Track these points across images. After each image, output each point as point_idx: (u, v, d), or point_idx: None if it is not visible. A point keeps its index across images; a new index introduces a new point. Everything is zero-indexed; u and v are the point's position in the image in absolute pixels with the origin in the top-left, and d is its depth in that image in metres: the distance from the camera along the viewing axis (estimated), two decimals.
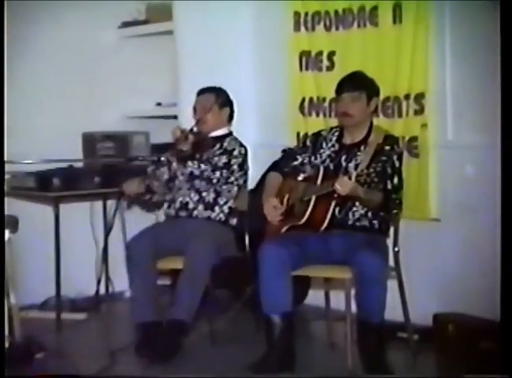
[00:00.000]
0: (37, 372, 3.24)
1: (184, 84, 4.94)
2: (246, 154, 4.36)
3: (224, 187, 4.30)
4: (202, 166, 4.29)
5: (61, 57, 5.08)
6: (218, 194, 4.31)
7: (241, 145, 4.37)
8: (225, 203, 4.32)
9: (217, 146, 4.37)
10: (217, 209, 4.31)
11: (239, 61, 4.98)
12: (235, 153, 4.32)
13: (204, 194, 4.31)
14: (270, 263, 3.73)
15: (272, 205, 3.99)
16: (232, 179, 4.31)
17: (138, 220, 4.85)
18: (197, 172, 4.30)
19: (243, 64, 4.97)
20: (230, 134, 4.45)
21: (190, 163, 4.31)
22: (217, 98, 4.38)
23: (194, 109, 4.44)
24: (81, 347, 4.21)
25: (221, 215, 4.31)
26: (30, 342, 4.01)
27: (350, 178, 3.59)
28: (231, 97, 4.44)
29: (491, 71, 3.68)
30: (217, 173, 4.28)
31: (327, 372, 3.79)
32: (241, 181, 4.35)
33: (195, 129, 4.34)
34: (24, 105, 4.90)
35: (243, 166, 4.35)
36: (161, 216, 4.84)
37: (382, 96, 4.25)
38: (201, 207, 4.31)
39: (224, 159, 4.31)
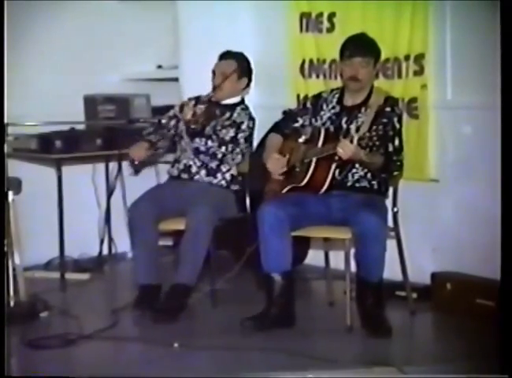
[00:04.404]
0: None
1: (185, 46, 4.93)
2: (253, 127, 4.35)
3: (229, 155, 4.32)
4: (209, 143, 4.28)
5: (62, 20, 5.07)
6: (221, 162, 4.32)
7: (250, 117, 4.34)
8: (227, 171, 4.33)
9: (227, 115, 4.34)
10: (219, 175, 4.32)
11: (240, 22, 4.95)
12: (244, 126, 4.31)
13: (208, 162, 4.32)
14: (268, 223, 3.76)
15: (275, 158, 4.01)
16: (237, 150, 4.32)
17: (139, 182, 4.88)
18: (203, 149, 4.31)
19: (243, 26, 4.95)
20: (241, 102, 4.41)
21: (197, 139, 4.30)
22: (238, 67, 4.31)
23: (213, 72, 4.36)
24: (84, 307, 4.25)
25: (223, 182, 4.32)
26: (34, 301, 4.07)
27: (351, 141, 3.60)
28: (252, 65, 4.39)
29: (490, 31, 3.69)
30: (223, 148, 4.28)
31: (326, 329, 3.85)
32: (245, 151, 4.36)
33: (210, 95, 4.28)
34: (26, 67, 4.91)
35: (249, 139, 4.35)
36: (161, 173, 4.88)
37: (382, 57, 4.26)
38: (203, 172, 4.32)
39: (231, 133, 4.29)
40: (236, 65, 4.33)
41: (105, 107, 5.09)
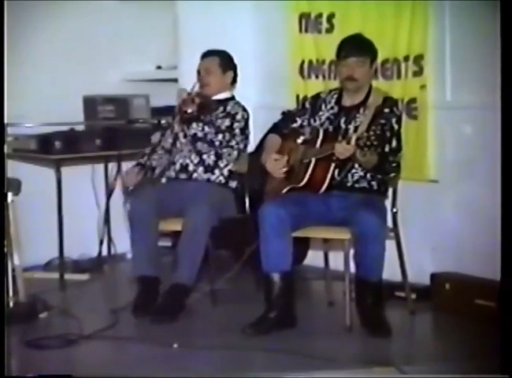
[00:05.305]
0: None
1: (185, 47, 4.95)
2: (248, 119, 4.38)
3: (225, 150, 4.32)
4: (206, 128, 4.31)
5: (62, 20, 5.08)
6: (219, 157, 4.33)
7: (244, 109, 4.38)
8: (225, 166, 4.34)
9: (221, 108, 4.38)
10: (216, 171, 4.33)
11: (239, 22, 4.97)
12: (238, 117, 4.34)
13: (204, 156, 4.33)
14: (269, 223, 3.76)
15: (274, 158, 4.02)
16: (233, 142, 4.33)
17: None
18: (200, 134, 4.32)
19: (242, 26, 4.96)
20: (232, 98, 4.45)
21: (194, 125, 4.33)
22: (221, 62, 4.38)
23: (198, 72, 4.41)
24: (84, 307, 4.24)
25: (221, 178, 4.33)
26: (34, 301, 4.08)
27: (349, 142, 3.61)
28: (235, 60, 4.42)
29: (490, 31, 3.69)
30: (220, 136, 4.30)
31: (326, 329, 3.86)
32: (242, 145, 4.37)
33: (199, 92, 4.33)
34: (25, 68, 4.92)
35: (244, 130, 4.36)
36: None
37: (381, 58, 4.27)
38: (201, 169, 4.33)
39: (227, 122, 4.32)
40: (219, 60, 4.37)
41: (104, 107, 5.09)
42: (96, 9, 5.19)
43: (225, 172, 4.34)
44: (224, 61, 4.39)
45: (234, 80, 4.46)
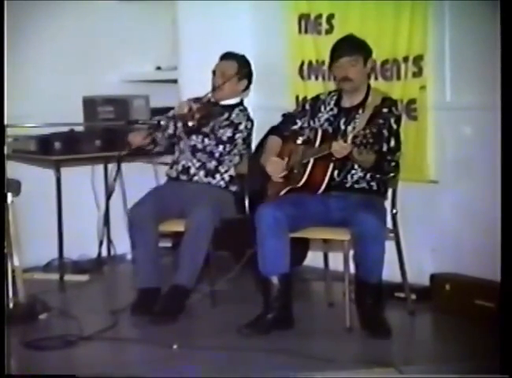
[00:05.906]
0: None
1: (184, 48, 4.94)
2: (251, 129, 4.36)
3: (226, 157, 4.32)
4: (206, 141, 4.29)
5: (62, 20, 5.08)
6: (220, 162, 4.32)
7: (248, 118, 4.34)
8: (226, 171, 4.34)
9: (225, 115, 4.34)
10: (217, 176, 4.33)
11: (239, 23, 4.97)
12: (241, 127, 4.31)
13: (206, 161, 4.33)
14: (266, 224, 3.76)
15: (274, 161, 4.02)
16: (235, 151, 4.32)
17: (138, 183, 4.89)
18: (200, 146, 4.31)
19: (242, 27, 4.96)
20: (240, 103, 4.42)
21: (193, 137, 4.31)
22: (239, 68, 4.32)
23: (214, 72, 4.36)
24: (83, 308, 4.24)
25: (222, 182, 4.33)
26: (34, 302, 4.07)
27: (346, 140, 3.62)
28: (253, 68, 4.40)
29: (490, 32, 3.70)
30: (220, 147, 4.29)
31: (326, 330, 3.86)
32: (243, 152, 4.37)
33: (209, 95, 4.26)
34: (25, 69, 4.92)
35: (246, 140, 4.35)
36: (160, 173, 4.88)
37: (381, 58, 4.28)
38: (202, 173, 4.32)
39: (228, 133, 4.29)
40: (237, 67, 4.34)
41: (104, 108, 5.09)
42: (96, 10, 5.19)
43: (226, 176, 4.34)
44: (241, 68, 4.33)
45: (247, 88, 4.43)
